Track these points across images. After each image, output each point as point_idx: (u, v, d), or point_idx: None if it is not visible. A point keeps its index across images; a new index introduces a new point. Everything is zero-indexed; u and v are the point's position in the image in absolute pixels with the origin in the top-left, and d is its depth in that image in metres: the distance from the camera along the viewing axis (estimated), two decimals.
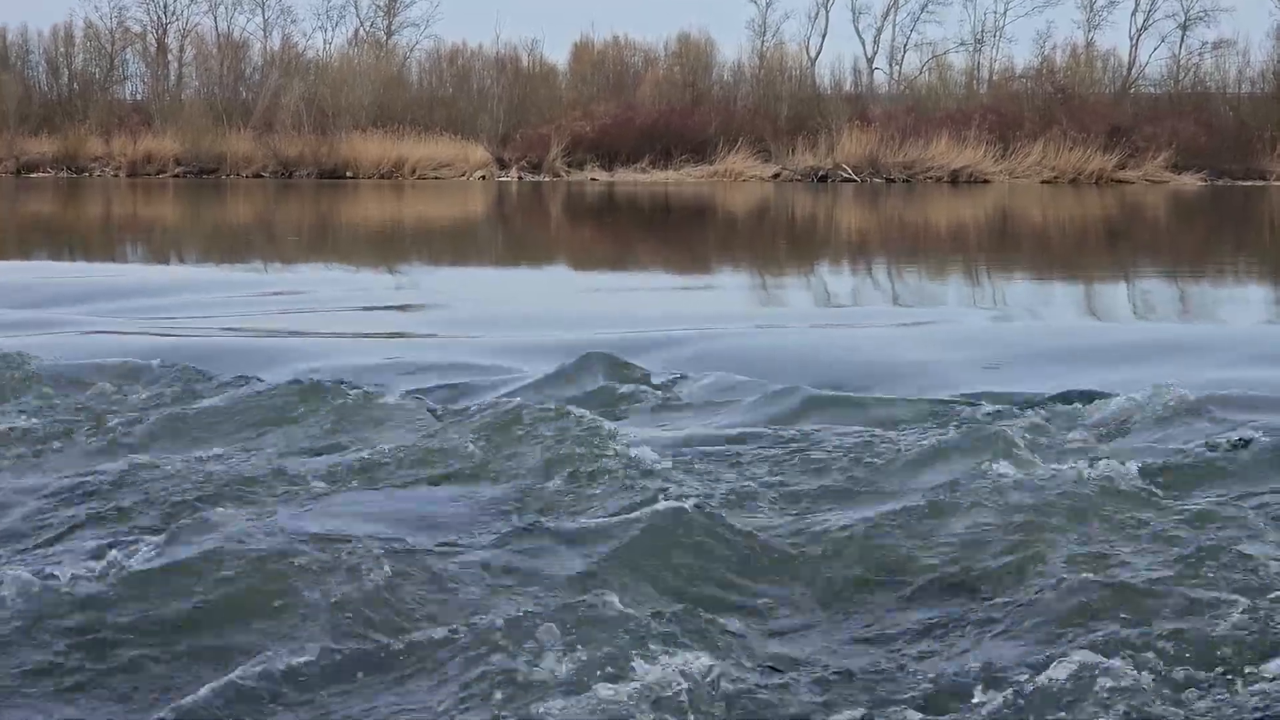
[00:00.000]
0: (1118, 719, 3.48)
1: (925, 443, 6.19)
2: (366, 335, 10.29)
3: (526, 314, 11.88)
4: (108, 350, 8.77)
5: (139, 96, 54.70)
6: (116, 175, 46.38)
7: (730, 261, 19.42)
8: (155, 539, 4.65)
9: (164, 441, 6.31)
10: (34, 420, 6.72)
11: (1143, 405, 6.85)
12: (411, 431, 6.40)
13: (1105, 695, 3.56)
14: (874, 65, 54.37)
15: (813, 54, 53.47)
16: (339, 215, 29.33)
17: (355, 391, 7.17)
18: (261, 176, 45.77)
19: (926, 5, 53.86)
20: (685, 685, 3.59)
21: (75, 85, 53.23)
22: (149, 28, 55.16)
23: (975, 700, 3.63)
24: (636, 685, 3.57)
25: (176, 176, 45.84)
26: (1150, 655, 3.79)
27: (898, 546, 4.82)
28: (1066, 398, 7.32)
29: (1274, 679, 3.70)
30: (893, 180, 43.86)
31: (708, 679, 3.65)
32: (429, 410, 6.94)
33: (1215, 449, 6.09)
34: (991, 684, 3.71)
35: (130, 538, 4.79)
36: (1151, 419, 6.72)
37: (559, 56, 58.39)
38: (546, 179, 44.64)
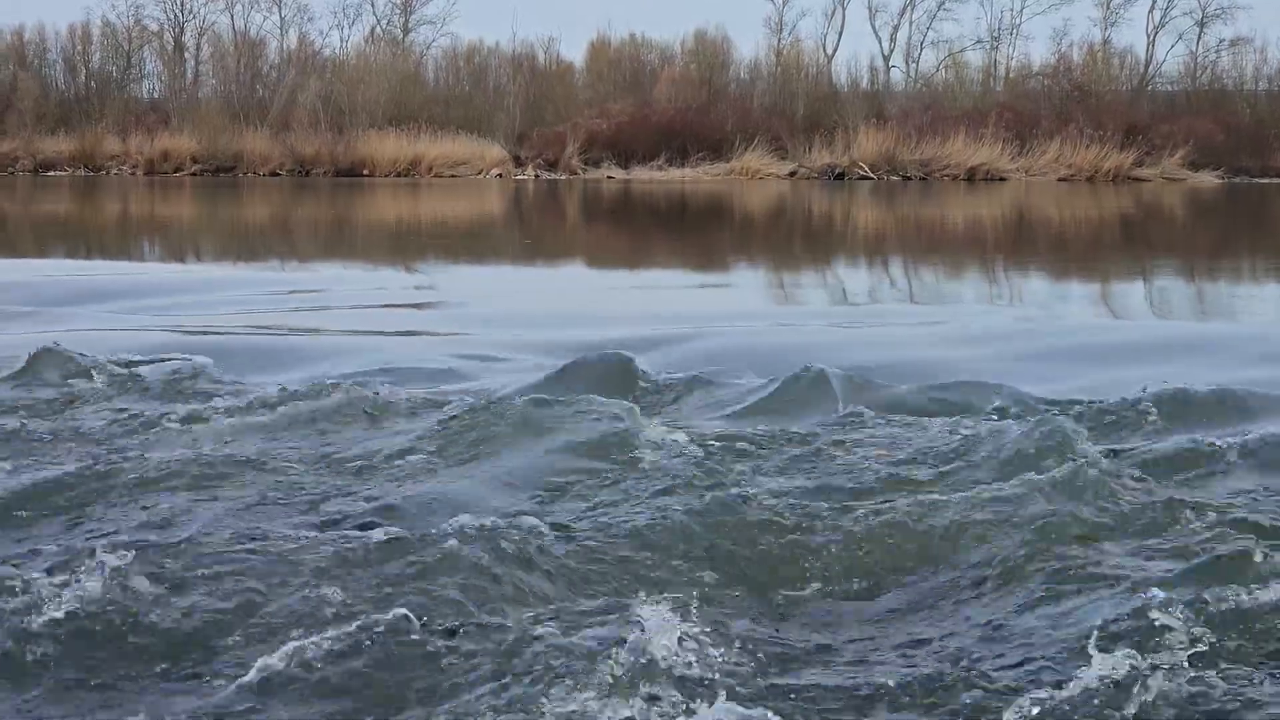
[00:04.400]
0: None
1: (943, 440, 6.19)
2: (385, 334, 10.30)
3: (545, 312, 11.89)
4: (123, 347, 8.80)
5: (156, 95, 54.91)
6: (133, 174, 46.49)
7: (749, 259, 19.42)
8: (159, 537, 4.66)
9: (175, 440, 6.32)
10: (43, 416, 6.73)
11: (1162, 404, 6.84)
12: (428, 428, 6.40)
13: (1121, 697, 3.57)
14: (890, 63, 54.44)
15: (829, 52, 53.54)
16: (356, 214, 29.37)
17: (372, 389, 7.18)
18: (278, 175, 45.86)
19: (943, 3, 53.92)
20: (695, 682, 3.60)
21: (92, 84, 53.38)
22: (166, 26, 55.39)
23: (988, 701, 3.63)
24: (649, 679, 3.58)
25: (193, 175, 45.95)
26: (1159, 654, 3.79)
27: (910, 544, 4.82)
28: (1083, 395, 7.32)
29: None
30: (909, 178, 43.83)
31: (715, 676, 3.66)
32: (446, 407, 6.94)
33: (1230, 448, 6.07)
34: (1007, 684, 3.71)
35: (133, 535, 4.80)
36: (1171, 418, 6.70)
37: (575, 54, 58.47)
38: (563, 177, 44.67)
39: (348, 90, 49.13)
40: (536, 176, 45.06)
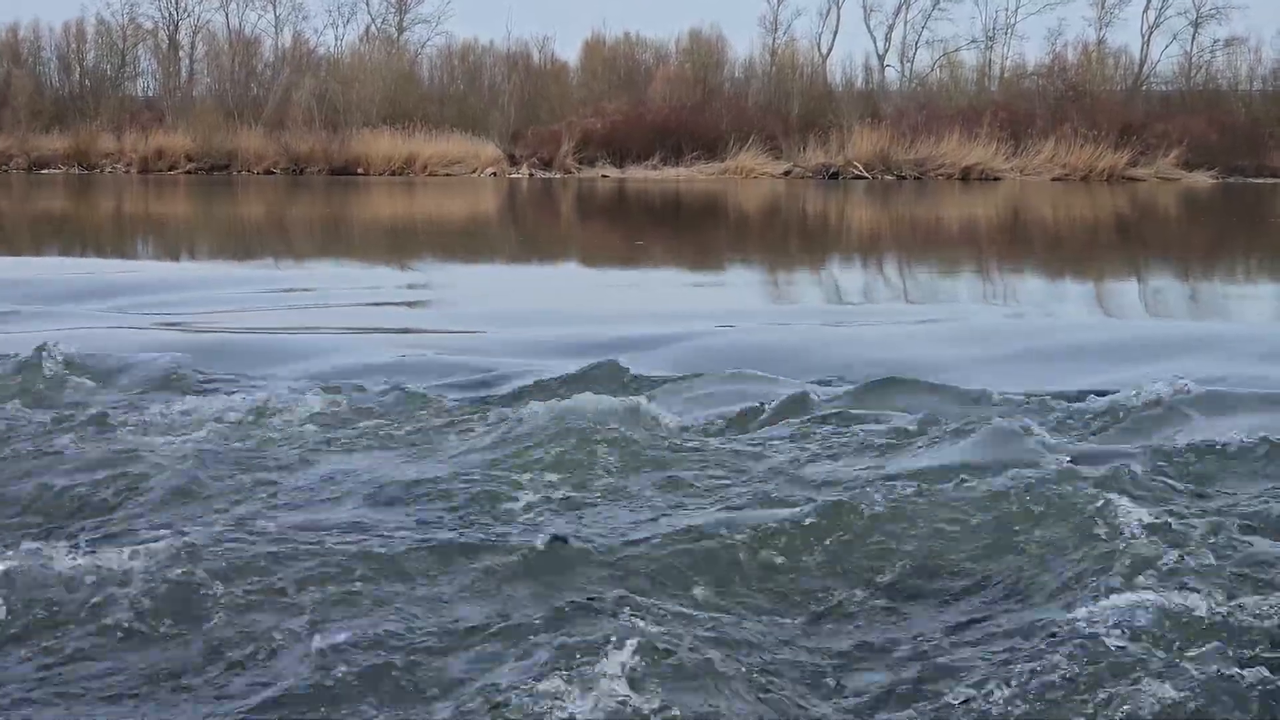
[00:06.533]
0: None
1: (936, 439, 6.20)
2: (380, 332, 10.30)
3: (541, 310, 11.89)
4: (119, 345, 8.80)
5: (150, 93, 54.79)
6: (128, 172, 46.38)
7: (744, 258, 19.41)
8: (159, 535, 4.66)
9: (174, 438, 6.31)
10: (44, 413, 6.73)
11: (1156, 401, 6.85)
12: (426, 427, 6.41)
13: (1115, 694, 3.58)
14: (885, 62, 54.40)
15: (824, 51, 53.52)
16: (351, 212, 29.35)
17: (367, 388, 7.18)
18: (273, 173, 45.77)
19: (938, 3, 53.86)
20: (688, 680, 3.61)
21: (87, 82, 53.25)
22: (161, 24, 55.25)
23: (976, 700, 3.65)
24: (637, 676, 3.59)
25: (188, 173, 45.86)
26: (1154, 649, 3.81)
27: (906, 541, 4.82)
28: (1079, 394, 7.33)
29: None
30: (904, 177, 43.81)
31: (709, 673, 3.68)
32: (442, 405, 6.95)
33: (1227, 445, 6.08)
34: (1000, 680, 3.72)
35: (134, 533, 4.80)
36: (1164, 415, 6.71)
37: (570, 53, 58.41)
38: (558, 176, 44.64)
39: (342, 89, 49.08)
40: (531, 175, 45.01)
